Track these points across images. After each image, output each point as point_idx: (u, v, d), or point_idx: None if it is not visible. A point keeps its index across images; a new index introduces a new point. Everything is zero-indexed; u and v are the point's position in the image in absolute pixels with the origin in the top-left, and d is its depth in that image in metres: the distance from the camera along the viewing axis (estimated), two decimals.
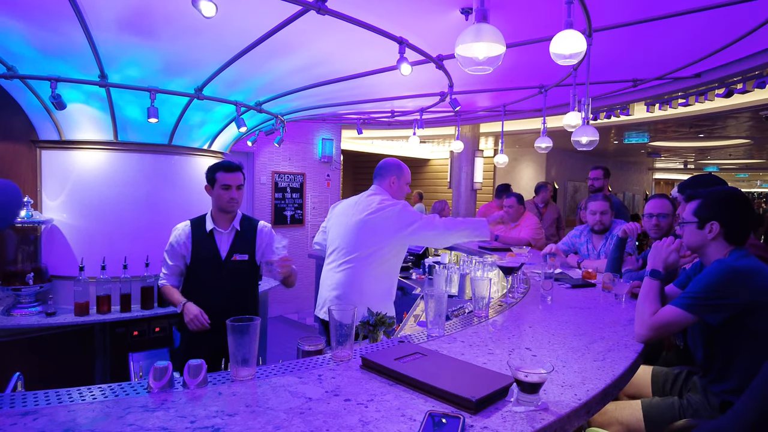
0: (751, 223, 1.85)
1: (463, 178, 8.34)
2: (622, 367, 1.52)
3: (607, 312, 2.27)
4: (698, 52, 3.86)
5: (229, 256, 2.62)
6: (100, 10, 2.52)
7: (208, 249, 2.61)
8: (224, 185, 2.57)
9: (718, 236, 1.85)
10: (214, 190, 2.61)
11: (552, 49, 2.29)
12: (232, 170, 2.61)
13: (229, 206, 2.60)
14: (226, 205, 2.59)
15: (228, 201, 2.58)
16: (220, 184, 2.58)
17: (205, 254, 2.62)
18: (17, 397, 1.21)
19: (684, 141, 10.59)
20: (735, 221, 1.83)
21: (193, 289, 2.64)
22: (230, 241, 2.65)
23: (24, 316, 3.23)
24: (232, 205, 2.60)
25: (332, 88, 4.17)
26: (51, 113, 3.33)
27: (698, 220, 1.89)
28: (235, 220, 2.68)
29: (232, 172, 2.60)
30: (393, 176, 2.83)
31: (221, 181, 2.58)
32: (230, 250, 2.63)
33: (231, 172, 2.60)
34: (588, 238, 3.70)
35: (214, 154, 4.16)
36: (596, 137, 3.16)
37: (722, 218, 1.83)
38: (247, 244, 2.67)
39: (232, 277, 2.63)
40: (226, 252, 2.63)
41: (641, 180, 18.05)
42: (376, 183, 2.83)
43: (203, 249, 2.62)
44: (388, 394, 1.26)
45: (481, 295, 2.09)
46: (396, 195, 2.86)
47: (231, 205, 2.60)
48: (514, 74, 4.37)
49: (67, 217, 3.50)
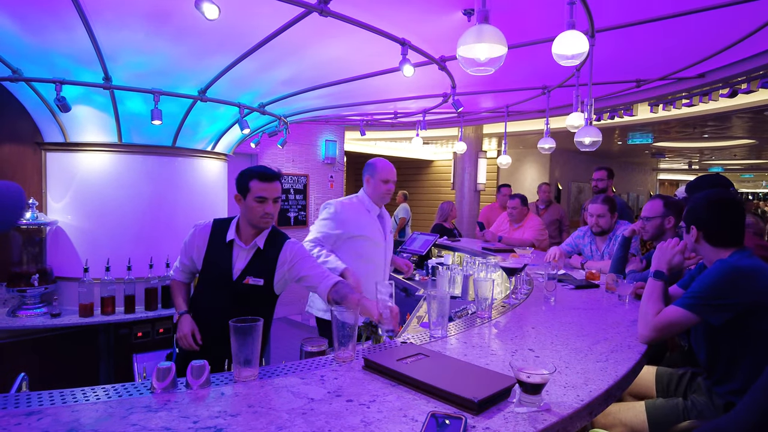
0: (734, 225, 1.86)
1: (466, 180, 8.35)
2: (625, 368, 1.51)
3: (611, 313, 2.27)
4: (702, 52, 3.85)
5: (242, 277, 2.15)
6: (104, 15, 2.54)
7: (220, 262, 2.19)
8: (259, 197, 2.10)
9: (699, 239, 1.91)
10: (245, 201, 2.14)
11: (554, 50, 2.29)
12: (269, 179, 2.12)
13: (262, 222, 2.14)
14: (259, 221, 2.14)
15: (262, 216, 2.12)
16: (255, 195, 2.10)
17: (215, 268, 2.20)
18: (22, 398, 1.22)
19: (688, 141, 10.55)
20: (712, 225, 1.88)
21: (198, 300, 2.30)
22: (247, 260, 2.18)
23: (29, 317, 3.25)
24: (266, 221, 2.14)
25: (335, 90, 4.18)
26: (56, 115, 3.35)
27: (685, 224, 1.97)
28: (261, 235, 2.20)
29: (270, 182, 2.12)
30: (367, 175, 2.94)
31: (256, 192, 2.09)
32: (244, 271, 2.16)
33: (268, 181, 2.11)
34: (591, 239, 3.69)
35: (217, 155, 4.17)
36: (599, 138, 3.15)
37: (699, 223, 1.90)
38: (265, 267, 2.18)
39: (242, 302, 2.15)
40: (240, 271, 2.16)
41: (645, 181, 18.00)
42: None
43: (216, 261, 2.20)
44: (391, 395, 1.26)
45: (483, 296, 2.09)
46: (372, 194, 2.94)
47: (265, 221, 2.14)
48: (518, 75, 4.37)
49: (71, 219, 3.52)
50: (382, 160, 2.98)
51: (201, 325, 2.20)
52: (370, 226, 2.95)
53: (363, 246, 2.92)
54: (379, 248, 2.99)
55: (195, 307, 2.29)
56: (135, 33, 2.77)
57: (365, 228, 2.92)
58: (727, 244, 1.86)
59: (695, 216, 1.92)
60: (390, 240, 3.12)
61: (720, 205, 1.89)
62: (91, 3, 2.43)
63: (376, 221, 2.98)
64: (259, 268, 2.17)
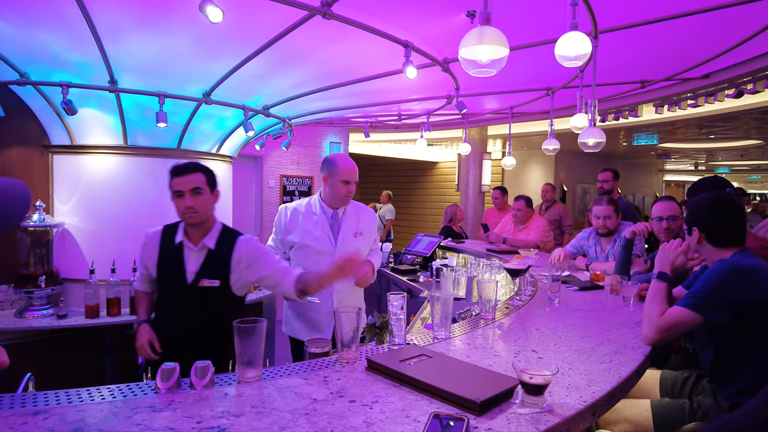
0: (735, 226, 1.89)
1: (471, 181, 8.33)
2: (628, 370, 1.51)
3: (615, 314, 2.26)
4: (707, 52, 3.83)
5: (197, 280, 2.06)
6: (110, 19, 2.56)
7: (173, 267, 2.10)
8: (176, 192, 2.05)
9: (701, 241, 1.93)
10: (173, 199, 2.09)
11: (557, 51, 2.29)
12: (182, 172, 2.06)
13: (186, 217, 2.06)
14: (183, 217, 2.07)
15: (183, 211, 2.04)
16: (173, 191, 2.06)
17: (168, 272, 2.12)
18: (28, 397, 1.23)
19: (694, 142, 10.50)
20: (713, 226, 1.90)
21: (160, 307, 2.23)
22: (200, 262, 2.09)
23: (36, 318, 3.28)
24: (189, 215, 2.04)
25: (339, 92, 4.19)
26: (62, 118, 3.38)
27: (687, 226, 1.99)
28: (209, 234, 2.10)
29: (183, 175, 2.05)
30: (325, 173, 2.59)
31: (173, 187, 2.06)
32: (198, 273, 2.07)
33: (181, 174, 2.05)
34: (596, 240, 3.68)
35: (222, 158, 4.19)
36: (603, 139, 3.15)
37: (700, 224, 1.93)
38: (220, 267, 2.08)
39: (202, 305, 2.07)
40: (194, 274, 2.07)
41: (651, 182, 17.91)
42: None
43: (168, 266, 2.12)
44: (393, 396, 1.27)
45: (487, 298, 2.09)
46: (329, 195, 2.60)
47: (188, 216, 2.04)
48: (522, 76, 4.37)
49: (77, 221, 3.55)
50: (343, 157, 2.63)
51: (166, 331, 2.15)
52: (312, 233, 2.58)
53: (304, 255, 2.60)
54: (324, 257, 2.55)
55: (158, 314, 2.23)
56: (140, 35, 2.79)
57: (306, 235, 2.58)
58: (729, 244, 1.88)
59: (696, 217, 1.94)
60: (352, 244, 2.65)
61: (720, 206, 1.92)
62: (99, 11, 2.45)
63: (324, 226, 2.60)
64: (213, 270, 2.08)
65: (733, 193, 2.70)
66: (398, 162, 12.10)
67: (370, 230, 2.78)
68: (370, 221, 2.79)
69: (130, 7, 2.50)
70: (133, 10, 2.53)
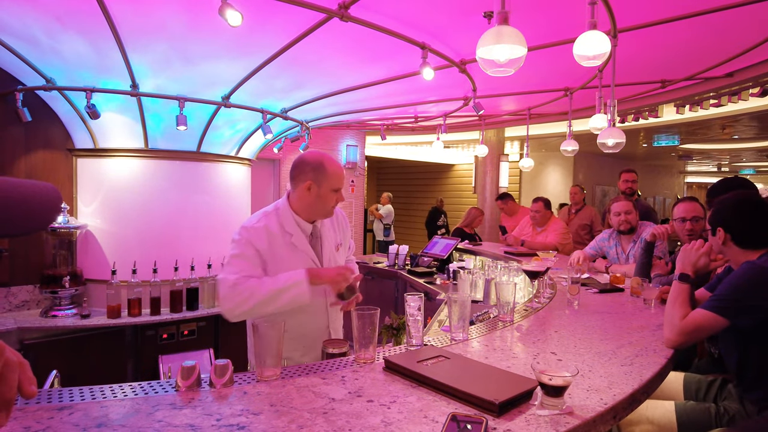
0: (762, 227, 1.84)
1: (488, 183, 8.29)
2: (650, 372, 1.48)
3: (636, 317, 2.22)
4: (730, 50, 3.75)
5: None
6: (131, 24, 2.62)
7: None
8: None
9: (727, 242, 1.88)
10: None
11: (575, 51, 2.27)
12: None
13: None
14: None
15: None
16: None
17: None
18: (54, 393, 1.26)
19: (717, 143, 10.28)
20: (740, 227, 1.85)
21: None
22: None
23: (61, 318, 3.36)
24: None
25: (355, 96, 4.21)
26: (86, 122, 3.46)
27: (711, 227, 1.93)
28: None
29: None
30: (308, 180, 1.91)
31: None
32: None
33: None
34: (616, 241, 3.63)
35: (241, 160, 4.24)
36: (622, 139, 3.10)
37: (726, 224, 1.87)
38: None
39: None
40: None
41: (672, 184, 17.58)
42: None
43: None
44: (411, 396, 1.26)
45: (505, 300, 2.07)
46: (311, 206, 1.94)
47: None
48: (539, 77, 4.33)
49: (100, 223, 3.62)
50: (328, 157, 1.97)
51: None
52: (292, 262, 1.90)
53: None
54: None
55: None
56: (159, 45, 2.85)
57: (281, 263, 1.90)
58: (756, 245, 1.83)
59: (722, 217, 1.89)
60: (336, 261, 2.09)
61: (747, 206, 1.87)
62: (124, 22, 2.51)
63: (305, 248, 1.97)
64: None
65: None
66: (415, 164, 12.10)
67: (348, 237, 2.23)
68: (346, 225, 2.21)
69: (154, 12, 2.55)
70: (157, 14, 2.58)
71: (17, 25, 2.69)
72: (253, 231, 1.89)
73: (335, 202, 1.97)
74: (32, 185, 0.65)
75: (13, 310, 3.46)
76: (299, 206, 1.96)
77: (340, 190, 1.96)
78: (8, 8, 2.51)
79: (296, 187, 1.95)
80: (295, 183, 1.95)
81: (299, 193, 1.94)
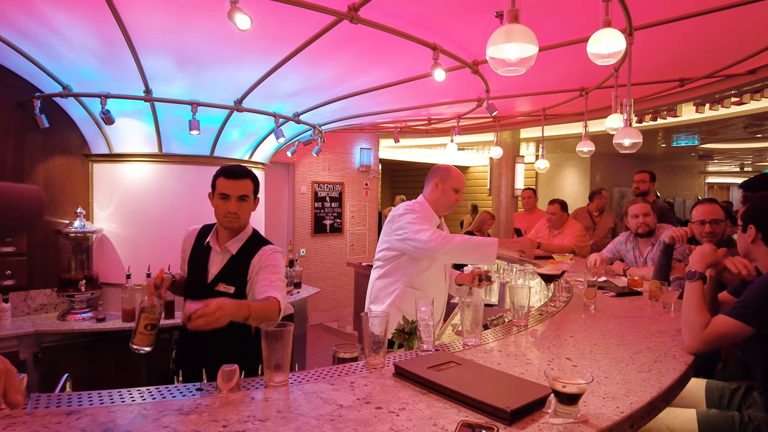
0: None
1: (503, 185, 8.21)
2: (670, 379, 1.43)
3: (654, 321, 2.16)
4: (752, 46, 3.65)
5: (214, 283, 2.06)
6: (147, 35, 2.64)
7: (199, 265, 2.13)
8: (222, 194, 2.05)
9: (757, 240, 1.80)
10: (213, 200, 2.10)
11: (589, 49, 2.22)
12: (235, 176, 2.06)
13: (226, 221, 2.06)
14: (223, 220, 2.07)
15: (225, 215, 2.05)
16: (219, 192, 2.06)
17: (195, 271, 2.14)
18: (63, 398, 1.26)
19: (739, 142, 10.05)
20: None
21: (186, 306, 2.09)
22: (221, 265, 2.09)
23: (77, 321, 3.40)
24: (230, 220, 2.05)
25: (367, 100, 4.19)
26: (101, 128, 3.51)
27: (743, 223, 1.86)
28: (235, 239, 2.11)
29: (235, 179, 2.05)
30: (436, 179, 2.62)
31: (220, 189, 2.05)
32: (217, 276, 2.08)
33: (234, 178, 2.05)
34: (634, 244, 3.55)
35: (254, 164, 4.26)
36: (639, 139, 3.03)
37: (758, 222, 1.80)
38: (238, 274, 2.06)
39: None
40: (213, 276, 2.08)
41: (693, 185, 17.23)
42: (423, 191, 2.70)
43: (196, 264, 2.15)
44: (421, 403, 1.24)
45: (520, 304, 2.04)
46: (438, 201, 2.60)
47: (229, 220, 2.06)
48: (554, 77, 4.27)
49: (115, 227, 3.67)
50: (454, 167, 2.70)
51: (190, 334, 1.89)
52: None
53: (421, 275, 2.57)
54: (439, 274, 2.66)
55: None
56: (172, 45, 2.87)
57: None
58: None
59: (754, 215, 1.81)
60: None
61: None
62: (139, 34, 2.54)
63: None
64: (231, 275, 2.06)
65: None
66: (428, 167, 12.03)
67: None
68: None
69: (165, 18, 2.57)
70: (166, 20, 2.60)
71: (34, 32, 2.73)
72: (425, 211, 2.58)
73: (454, 201, 2.62)
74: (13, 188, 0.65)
75: (31, 314, 3.51)
76: (430, 200, 2.64)
77: (459, 192, 2.63)
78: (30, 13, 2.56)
79: (428, 186, 2.66)
80: (428, 183, 2.67)
81: (430, 189, 2.65)
